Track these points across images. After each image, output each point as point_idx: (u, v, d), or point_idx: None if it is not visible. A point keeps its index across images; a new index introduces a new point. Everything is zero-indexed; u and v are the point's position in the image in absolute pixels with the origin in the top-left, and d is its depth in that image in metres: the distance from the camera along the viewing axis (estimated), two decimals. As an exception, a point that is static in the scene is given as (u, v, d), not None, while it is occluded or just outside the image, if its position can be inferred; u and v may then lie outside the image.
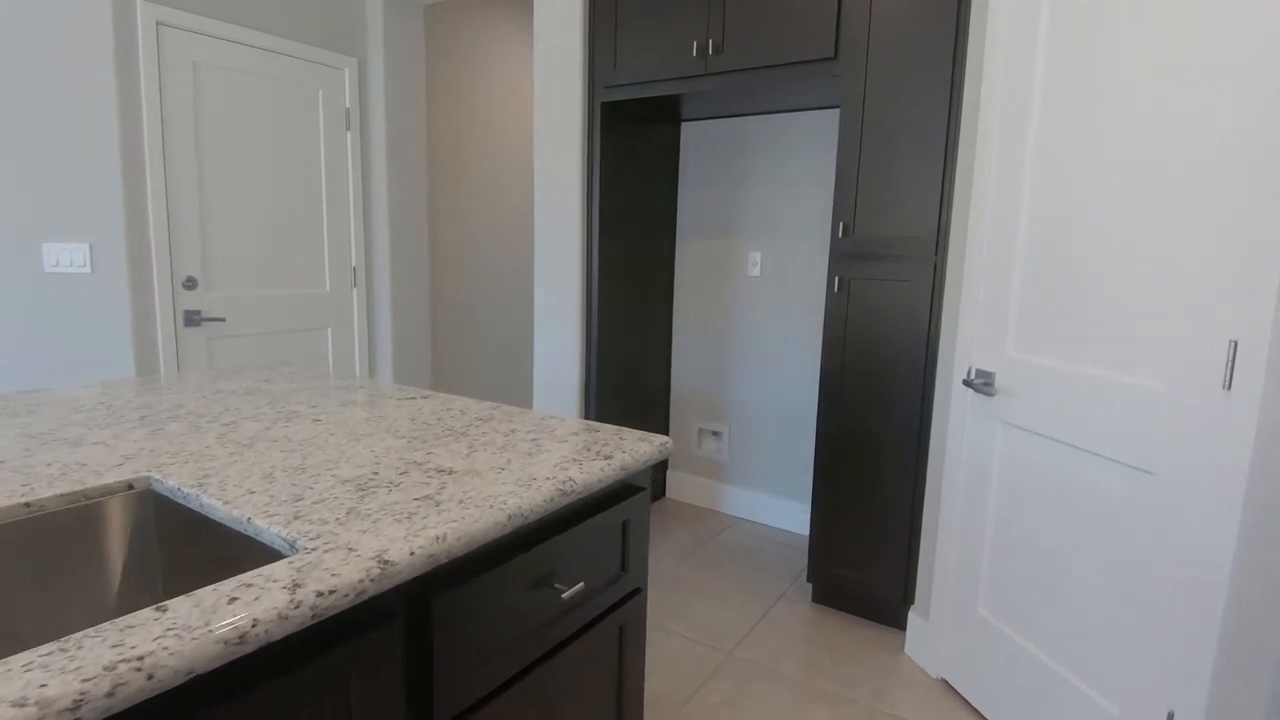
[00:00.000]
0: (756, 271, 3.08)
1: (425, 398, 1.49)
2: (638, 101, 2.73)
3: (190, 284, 2.80)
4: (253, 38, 2.88)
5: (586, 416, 2.91)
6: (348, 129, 3.29)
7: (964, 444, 1.92)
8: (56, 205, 2.54)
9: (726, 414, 3.25)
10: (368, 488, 0.93)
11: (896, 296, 2.17)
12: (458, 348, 4.00)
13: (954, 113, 2.01)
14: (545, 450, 1.13)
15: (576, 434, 1.23)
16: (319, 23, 3.12)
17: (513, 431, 1.24)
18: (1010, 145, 1.74)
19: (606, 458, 1.10)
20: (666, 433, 3.41)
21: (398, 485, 0.94)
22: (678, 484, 3.44)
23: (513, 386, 4.38)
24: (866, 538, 2.31)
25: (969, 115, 1.96)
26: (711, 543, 2.99)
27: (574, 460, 1.08)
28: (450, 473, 1.01)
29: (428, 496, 0.90)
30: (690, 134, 3.18)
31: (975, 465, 1.87)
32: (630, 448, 1.16)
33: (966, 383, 1.82)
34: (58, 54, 2.49)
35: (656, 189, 3.11)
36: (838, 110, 2.74)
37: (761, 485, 3.19)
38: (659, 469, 3.40)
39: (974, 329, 1.88)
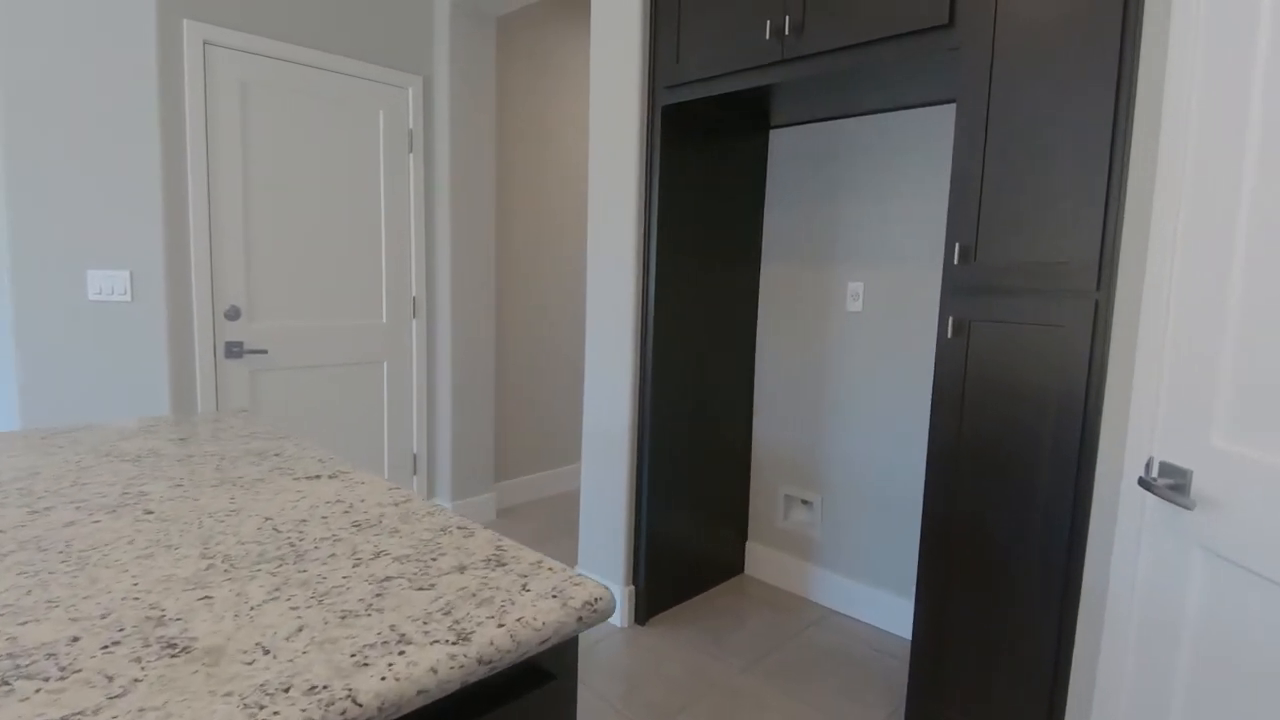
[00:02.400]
0: (858, 305, 2.51)
1: (332, 477, 1.11)
2: (706, 104, 2.28)
3: (233, 314, 2.66)
4: (308, 56, 2.73)
5: (639, 475, 2.45)
6: (410, 151, 3.09)
7: (1138, 573, 1.28)
8: (100, 231, 2.47)
9: (820, 480, 2.67)
10: (26, 673, 0.54)
11: (1037, 345, 1.56)
12: (524, 382, 3.68)
13: (1125, 95, 1.40)
14: (380, 607, 0.70)
15: (465, 570, 0.79)
16: (382, 39, 2.94)
17: (376, 556, 0.82)
18: (1219, 137, 1.12)
19: (463, 637, 0.65)
20: (745, 498, 2.88)
21: (69, 674, 0.55)
22: (758, 559, 2.88)
23: (579, 427, 4.00)
24: (987, 676, 1.67)
25: (1147, 96, 1.35)
26: (793, 642, 2.41)
27: (403, 638, 0.63)
28: (183, 650, 0.60)
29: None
30: (779, 143, 2.68)
31: (1156, 609, 1.22)
32: (527, 611, 0.70)
33: (1144, 483, 1.19)
34: (103, 75, 2.42)
35: (737, 209, 2.63)
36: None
37: (861, 572, 2.57)
38: (737, 537, 2.87)
39: (1157, 402, 1.25)
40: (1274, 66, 1.02)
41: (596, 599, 0.74)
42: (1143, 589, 1.27)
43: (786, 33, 1.90)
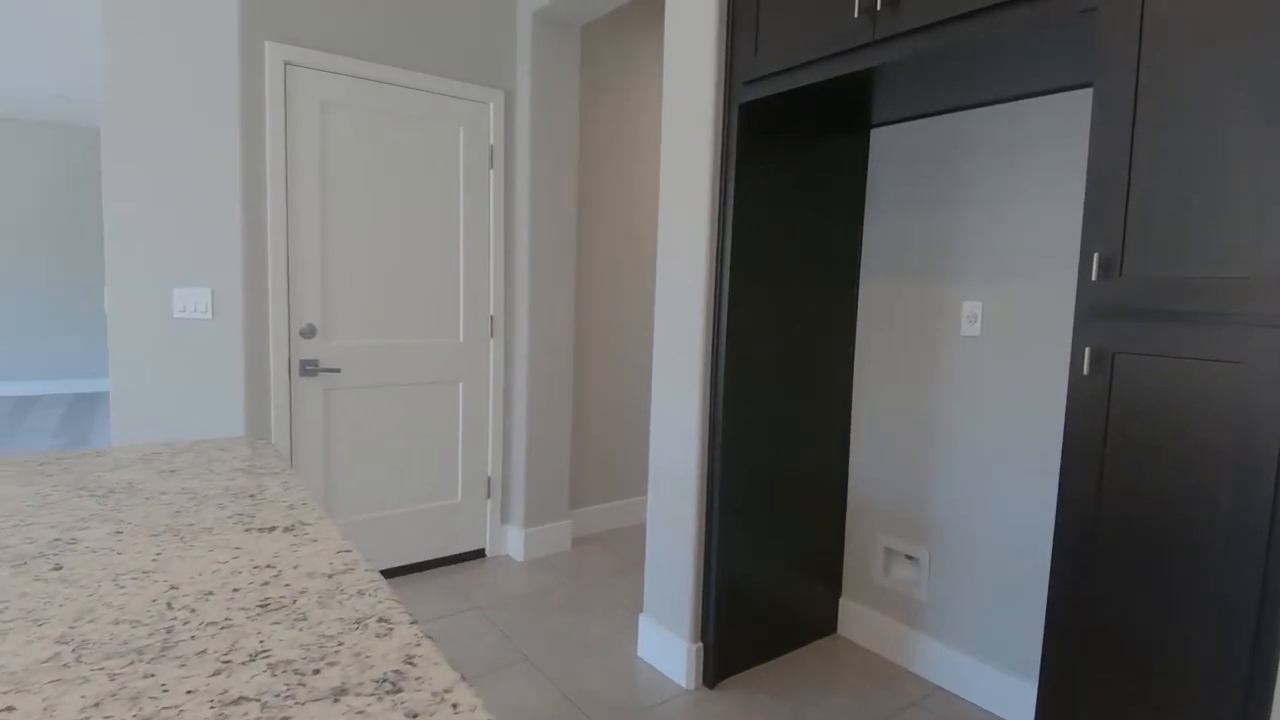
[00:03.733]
0: (975, 329, 2.13)
1: (288, 530, 0.95)
2: (791, 100, 2.01)
3: (309, 332, 2.65)
4: (389, 74, 2.71)
5: (709, 518, 2.19)
6: (491, 167, 3.01)
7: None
8: (185, 249, 2.54)
9: (928, 533, 2.29)
10: None
11: (1206, 386, 1.17)
12: (603, 406, 3.50)
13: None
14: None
15: (343, 695, 0.59)
16: (463, 54, 2.89)
17: (251, 659, 0.63)
18: None
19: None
20: (840, 548, 2.53)
21: None
22: (853, 619, 2.52)
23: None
24: (1139, 822, 1.27)
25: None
26: (885, 723, 2.05)
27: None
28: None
29: None
30: (882, 143, 2.35)
31: None
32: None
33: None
34: (188, 100, 2.49)
35: (830, 219, 2.33)
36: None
37: (974, 644, 2.17)
38: (828, 592, 2.52)
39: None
40: None
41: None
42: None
43: (879, 8, 1.61)
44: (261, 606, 0.73)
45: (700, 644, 2.22)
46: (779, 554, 2.35)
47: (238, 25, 2.42)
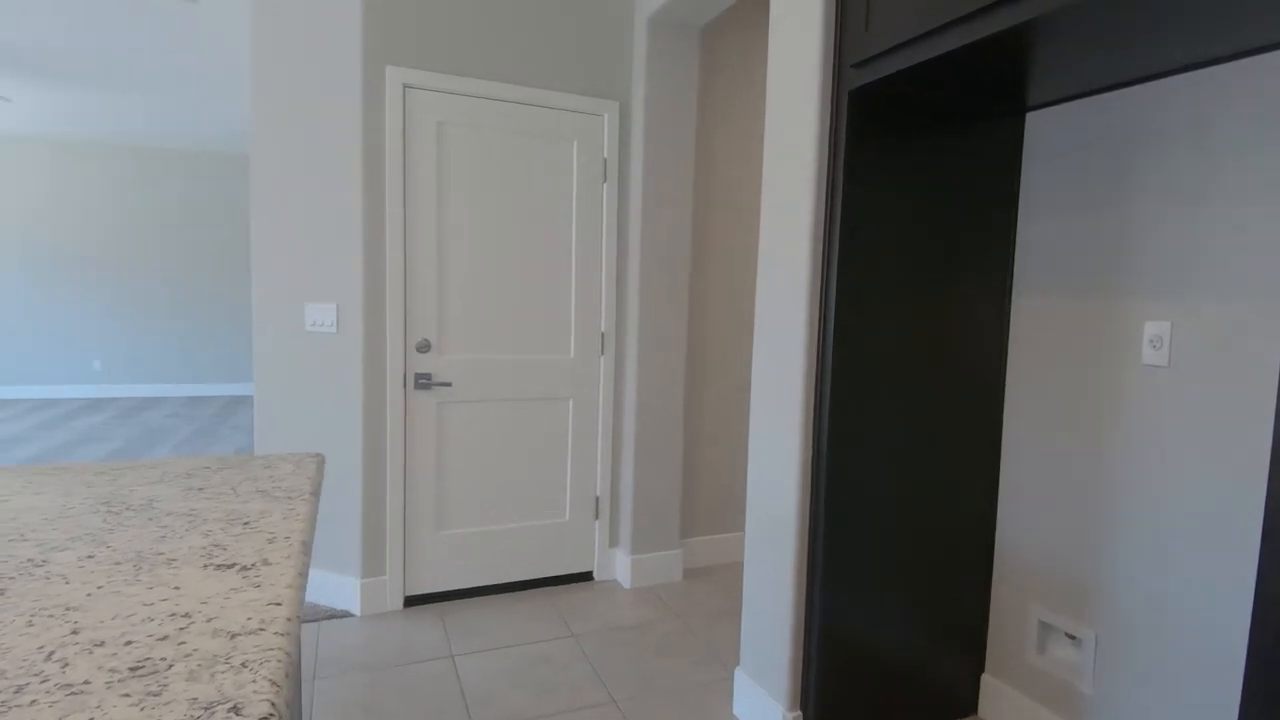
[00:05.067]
0: (1160, 357, 1.68)
1: (243, 570, 0.86)
2: (914, 81, 1.70)
3: (424, 346, 2.71)
4: (503, 91, 2.72)
5: (811, 566, 1.90)
6: (604, 181, 2.93)
7: None
8: (315, 267, 2.69)
9: (1096, 608, 1.84)
10: None
11: None
12: (719, 430, 3.27)
13: None
14: None
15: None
16: (577, 68, 2.84)
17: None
18: None
19: None
20: (983, 614, 2.11)
21: None
22: (999, 701, 2.09)
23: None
24: None
25: None
26: (1027, 845, 1.64)
27: None
28: None
29: None
30: (1041, 129, 1.95)
31: None
32: None
33: None
34: (316, 126, 2.64)
35: (971, 223, 1.96)
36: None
37: (1156, 760, 1.69)
38: (967, 665, 2.12)
39: None
40: None
41: None
42: None
43: (1014, -47, 1.29)
44: (133, 670, 0.64)
45: (799, 713, 1.94)
46: (902, 614, 2.00)
47: (361, 52, 2.53)
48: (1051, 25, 1.33)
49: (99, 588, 0.81)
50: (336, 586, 2.74)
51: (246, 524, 1.03)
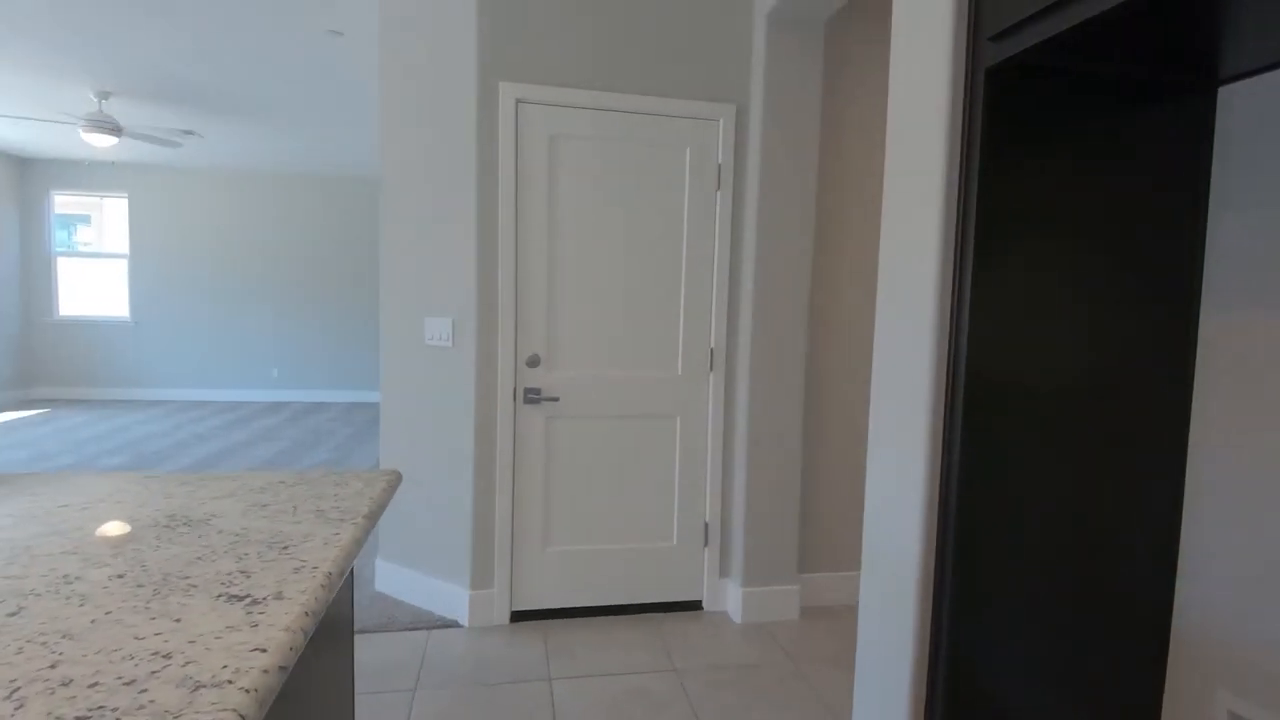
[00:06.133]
0: None
1: (248, 608, 0.81)
2: (1064, 47, 1.42)
3: (534, 361, 2.69)
4: (615, 101, 2.66)
5: (937, 628, 1.63)
6: (718, 188, 2.78)
7: None
8: (433, 283, 2.75)
9: (1314, 707, 1.43)
10: None
11: None
12: (840, 457, 2.99)
13: None
14: None
15: None
16: (692, 71, 2.72)
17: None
18: None
19: None
20: (1155, 697, 1.72)
21: None
22: (1180, 807, 1.69)
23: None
24: None
25: None
26: None
27: None
28: None
29: None
30: (1239, 104, 1.57)
31: None
32: None
33: None
34: (435, 145, 2.71)
35: (1140, 224, 1.61)
36: None
37: None
38: (1136, 759, 1.73)
39: None
40: None
41: None
42: None
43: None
44: (77, 722, 0.58)
45: (917, 793, 1.67)
46: (1047, 688, 1.67)
47: (476, 70, 2.56)
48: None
49: (106, 614, 0.78)
50: (447, 595, 2.78)
51: (285, 548, 0.99)
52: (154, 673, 0.66)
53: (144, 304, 8.19)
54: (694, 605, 2.90)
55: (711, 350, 2.82)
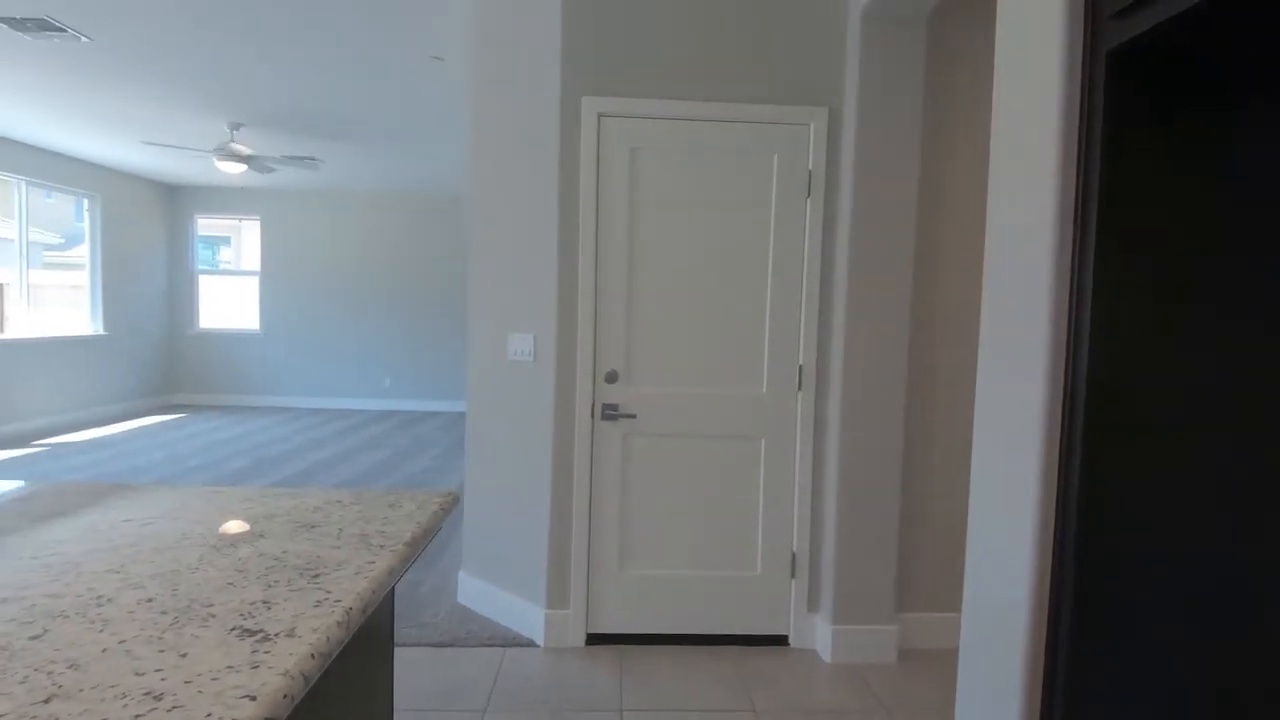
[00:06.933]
0: None
1: (255, 648, 0.76)
2: (1204, 21, 1.19)
3: (612, 377, 2.64)
4: (699, 110, 2.57)
5: (1049, 689, 1.40)
6: (808, 195, 2.63)
7: None
8: (516, 299, 2.75)
9: None
10: None
11: None
12: (944, 487, 2.73)
13: None
14: None
15: None
16: (781, 75, 2.59)
17: None
18: None
19: None
20: (1334, 795, 1.41)
21: None
22: None
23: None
24: None
25: None
26: None
27: None
28: None
29: None
30: None
31: None
32: None
33: None
34: (519, 163, 2.71)
35: (1315, 221, 1.34)
36: None
37: None
38: None
39: None
40: None
41: None
42: None
43: None
44: None
45: None
46: (1194, 779, 1.40)
47: (559, 86, 2.54)
48: None
49: (120, 643, 0.75)
50: (524, 613, 2.74)
51: (316, 576, 0.96)
52: (138, 716, 0.62)
53: (272, 317, 8.83)
54: (779, 640, 2.72)
55: (800, 367, 2.66)
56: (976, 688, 1.59)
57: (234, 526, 1.15)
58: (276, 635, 0.78)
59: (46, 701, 0.64)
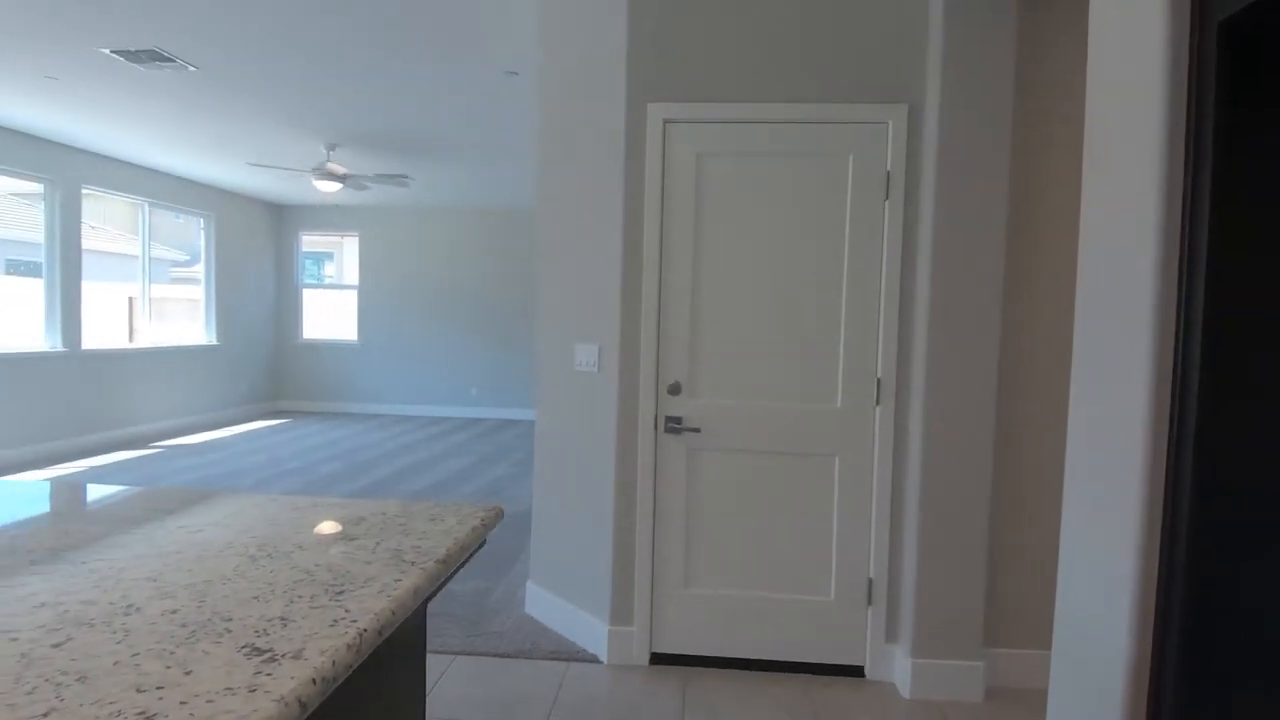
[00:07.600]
0: None
1: (263, 668, 0.74)
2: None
3: (675, 389, 2.57)
4: (768, 112, 2.48)
5: (1157, 760, 1.23)
6: (886, 198, 2.48)
7: None
8: (582, 310, 2.74)
9: None
10: None
11: None
12: (1037, 511, 2.49)
13: None
14: None
15: None
16: (856, 71, 2.47)
17: None
18: None
19: None
20: None
21: None
22: None
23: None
24: None
25: None
26: None
27: None
28: None
29: None
30: None
31: None
32: None
33: None
34: (584, 175, 2.69)
35: None
36: None
37: None
38: None
39: None
40: None
41: None
42: None
43: None
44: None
45: None
46: None
47: (625, 94, 2.51)
48: None
49: (133, 655, 0.75)
50: (588, 628, 2.71)
51: (339, 593, 0.94)
52: (123, 741, 0.61)
53: (369, 329, 9.27)
54: (854, 671, 2.56)
55: (878, 380, 2.51)
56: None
57: (277, 536, 1.16)
58: (283, 656, 0.76)
59: (45, 716, 0.64)
